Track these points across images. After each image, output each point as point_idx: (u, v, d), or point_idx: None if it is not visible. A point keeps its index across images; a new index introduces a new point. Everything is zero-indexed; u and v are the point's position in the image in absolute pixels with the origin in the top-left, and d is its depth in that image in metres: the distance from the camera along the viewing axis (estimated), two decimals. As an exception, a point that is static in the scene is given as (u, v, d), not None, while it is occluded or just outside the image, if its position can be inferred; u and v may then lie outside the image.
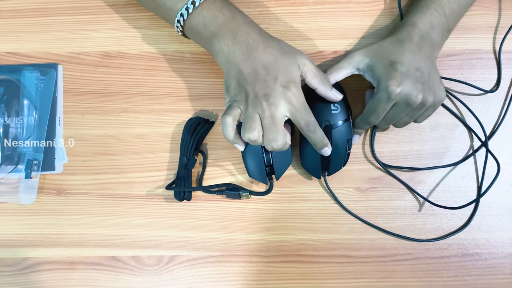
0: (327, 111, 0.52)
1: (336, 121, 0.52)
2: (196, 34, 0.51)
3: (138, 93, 0.57)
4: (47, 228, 0.56)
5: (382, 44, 0.51)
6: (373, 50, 0.51)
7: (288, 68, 0.48)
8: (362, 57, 0.51)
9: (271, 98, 0.47)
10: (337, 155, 0.52)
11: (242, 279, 0.55)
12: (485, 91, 0.57)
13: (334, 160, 0.53)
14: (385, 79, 0.49)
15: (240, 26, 0.49)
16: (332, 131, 0.52)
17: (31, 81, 0.57)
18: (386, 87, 0.48)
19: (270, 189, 0.54)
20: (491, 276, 0.55)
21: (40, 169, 0.56)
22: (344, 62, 0.52)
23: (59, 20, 0.58)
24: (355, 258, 0.55)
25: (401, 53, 0.49)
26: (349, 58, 0.52)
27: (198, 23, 0.50)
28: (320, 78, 0.50)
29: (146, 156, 0.57)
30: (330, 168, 0.53)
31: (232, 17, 0.50)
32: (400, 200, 0.56)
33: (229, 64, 0.49)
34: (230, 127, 0.49)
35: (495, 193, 0.56)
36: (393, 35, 0.52)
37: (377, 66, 0.50)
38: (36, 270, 0.55)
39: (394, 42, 0.51)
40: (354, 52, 0.52)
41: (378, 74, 0.50)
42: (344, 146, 0.53)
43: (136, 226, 0.56)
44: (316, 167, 0.53)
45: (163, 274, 0.55)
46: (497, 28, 0.58)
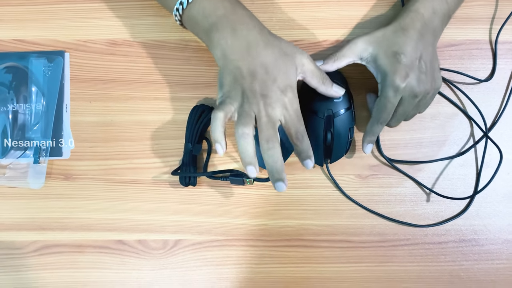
0: (329, 100, 0.53)
1: (338, 110, 0.53)
2: (194, 24, 0.51)
3: (144, 80, 0.58)
4: (55, 212, 0.57)
5: (385, 32, 0.51)
6: (376, 38, 0.51)
7: (286, 70, 0.48)
8: (365, 45, 0.51)
9: (269, 99, 0.47)
10: (339, 143, 0.54)
11: (246, 262, 0.56)
12: (479, 80, 0.58)
13: (336, 147, 0.54)
14: (391, 74, 0.49)
15: (240, 21, 0.48)
16: (334, 119, 0.53)
17: (38, 68, 0.58)
18: (392, 82, 0.49)
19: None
20: (488, 261, 0.56)
21: (48, 154, 0.57)
22: (347, 49, 0.52)
23: (66, 8, 0.59)
24: (355, 243, 0.56)
25: (404, 42, 0.49)
26: (352, 46, 0.51)
27: (197, 13, 0.49)
28: (320, 78, 0.50)
29: (151, 142, 0.58)
30: (332, 155, 0.55)
31: (233, 10, 0.49)
32: (400, 187, 0.57)
33: (226, 59, 0.48)
34: (220, 123, 0.47)
35: (493, 181, 0.57)
36: (396, 22, 0.51)
37: (380, 57, 0.50)
38: (44, 253, 0.56)
39: (397, 30, 0.50)
40: (357, 39, 0.51)
41: (382, 67, 0.50)
42: (346, 134, 0.54)
43: (142, 211, 0.57)
44: (319, 154, 0.54)
45: (168, 257, 0.56)
46: (498, 18, 0.59)
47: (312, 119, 0.54)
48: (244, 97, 0.47)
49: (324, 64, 0.52)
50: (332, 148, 0.54)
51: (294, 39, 0.58)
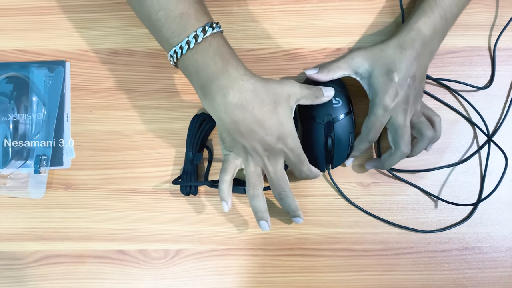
0: (329, 105, 0.53)
1: (338, 115, 0.53)
2: (188, 76, 0.50)
3: (144, 89, 0.58)
4: (56, 222, 0.57)
5: (383, 48, 0.51)
6: (373, 54, 0.51)
7: (284, 121, 0.49)
8: (362, 60, 0.51)
9: (271, 155, 0.49)
10: (340, 148, 0.54)
11: (247, 272, 0.56)
12: (478, 88, 0.58)
13: (337, 153, 0.54)
14: (382, 93, 0.50)
15: (231, 84, 0.46)
16: (334, 124, 0.53)
17: (39, 78, 0.58)
18: (381, 100, 0.50)
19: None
20: (492, 269, 0.56)
21: (48, 164, 0.57)
22: (343, 62, 0.52)
23: (66, 18, 0.59)
24: (358, 252, 0.56)
25: (400, 61, 0.50)
26: (349, 59, 0.52)
27: (190, 67, 0.48)
28: (312, 96, 0.51)
29: (152, 151, 0.58)
30: (334, 161, 0.55)
31: (224, 70, 0.47)
32: (402, 194, 0.57)
33: (220, 121, 0.48)
34: (227, 185, 0.51)
35: (496, 188, 0.56)
36: (396, 39, 0.51)
37: (374, 75, 0.50)
38: (45, 264, 0.56)
39: (396, 47, 0.50)
40: (354, 53, 0.52)
41: (375, 86, 0.50)
42: (347, 139, 0.54)
43: (143, 220, 0.57)
44: (320, 160, 0.54)
45: (169, 267, 0.56)
46: (498, 25, 0.59)
47: (312, 125, 0.54)
48: (247, 154, 0.50)
49: (319, 73, 0.52)
50: (334, 153, 0.54)
51: (294, 47, 0.58)
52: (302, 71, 0.58)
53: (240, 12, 0.59)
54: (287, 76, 0.58)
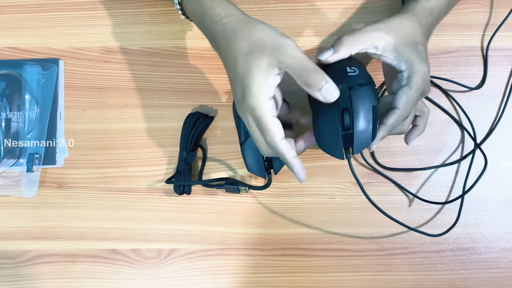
0: (342, 74, 0.43)
1: (354, 84, 0.43)
2: (191, 16, 0.49)
3: (138, 88, 0.58)
4: (48, 221, 0.56)
5: (402, 21, 0.46)
6: (393, 27, 0.45)
7: (250, 69, 0.41)
8: (381, 33, 0.44)
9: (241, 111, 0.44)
10: (361, 125, 0.42)
11: (241, 272, 0.56)
12: (470, 88, 0.58)
13: (359, 131, 0.42)
14: (419, 62, 0.44)
15: (209, 27, 0.45)
16: (351, 93, 0.42)
17: (32, 76, 0.57)
18: (421, 70, 0.43)
19: (268, 183, 0.55)
20: (486, 270, 0.56)
21: (41, 162, 0.56)
22: (362, 34, 0.44)
23: (60, 16, 0.59)
24: (352, 252, 0.56)
25: (421, 35, 0.46)
26: (368, 32, 0.44)
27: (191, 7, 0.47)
28: (302, 79, 0.41)
29: (146, 150, 0.57)
30: (354, 143, 0.42)
31: (203, 14, 0.46)
32: (397, 195, 0.57)
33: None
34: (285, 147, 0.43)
35: (491, 188, 0.56)
36: (411, 14, 0.47)
37: (402, 46, 0.44)
38: (37, 263, 0.56)
39: (414, 21, 0.46)
40: (371, 26, 0.45)
41: (407, 55, 0.44)
42: (370, 113, 0.42)
43: (136, 220, 0.56)
44: (336, 144, 0.43)
45: (162, 267, 0.56)
46: (493, 25, 0.59)
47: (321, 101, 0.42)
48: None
49: (335, 53, 0.44)
50: (353, 132, 0.42)
51: (289, 46, 0.58)
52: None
53: None
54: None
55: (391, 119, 0.44)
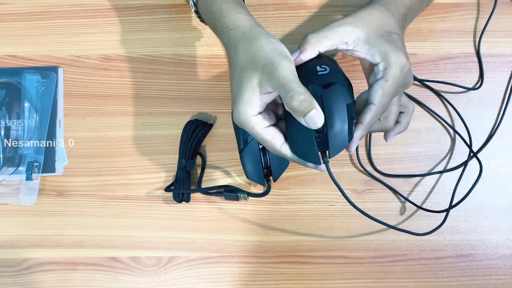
0: (312, 73, 0.41)
1: (324, 83, 0.40)
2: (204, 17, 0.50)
3: (137, 95, 0.58)
4: (48, 229, 0.56)
5: (371, 11, 0.43)
6: (361, 19, 0.42)
7: (241, 84, 0.40)
8: (349, 27, 0.42)
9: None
10: (336, 126, 0.39)
11: (240, 279, 0.56)
12: (467, 88, 0.58)
13: (333, 133, 0.39)
14: (394, 52, 0.41)
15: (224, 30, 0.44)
16: (321, 95, 0.39)
17: (32, 84, 0.57)
18: (397, 59, 0.41)
19: (267, 190, 0.55)
20: (486, 276, 0.55)
21: (40, 171, 0.56)
22: (329, 30, 0.42)
23: (59, 24, 0.59)
24: (351, 259, 0.56)
25: (394, 23, 0.43)
26: (335, 27, 0.42)
27: (205, 10, 0.48)
28: (286, 101, 0.38)
29: (145, 158, 0.57)
30: (330, 145, 0.40)
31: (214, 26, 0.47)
32: (395, 202, 0.57)
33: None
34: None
35: (490, 195, 0.56)
36: (379, 3, 0.44)
37: (374, 38, 0.42)
38: (36, 271, 0.56)
39: (384, 10, 0.44)
40: (337, 21, 0.42)
41: (380, 46, 0.41)
42: (344, 112, 0.39)
43: (136, 227, 0.56)
44: (310, 148, 0.40)
45: (162, 274, 0.56)
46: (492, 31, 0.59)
47: None
48: None
49: (302, 53, 0.42)
50: (328, 134, 0.39)
51: (288, 53, 0.58)
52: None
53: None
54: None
55: (367, 116, 0.41)
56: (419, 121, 0.57)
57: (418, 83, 0.58)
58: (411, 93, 0.58)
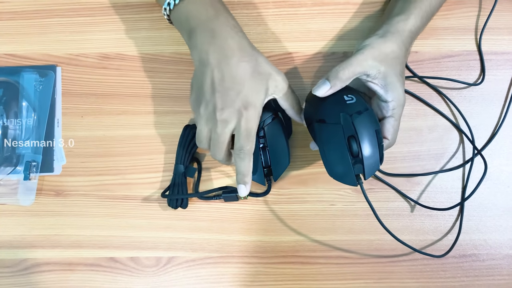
0: (341, 102, 0.46)
1: (354, 112, 0.45)
2: (178, 25, 0.51)
3: (136, 94, 0.57)
4: (46, 229, 0.56)
5: (393, 48, 0.48)
6: (386, 56, 0.47)
7: (255, 89, 0.47)
8: (374, 62, 0.47)
9: (225, 114, 0.46)
10: (369, 150, 0.44)
11: (240, 280, 0.55)
12: (468, 84, 0.57)
13: (368, 157, 0.44)
14: (403, 94, 0.48)
15: (220, 28, 0.48)
16: (353, 122, 0.44)
17: (29, 83, 0.57)
18: (404, 102, 0.49)
19: (268, 190, 0.54)
20: (489, 277, 0.55)
21: (39, 170, 0.56)
22: (357, 66, 0.46)
23: (57, 22, 0.59)
24: (352, 259, 0.55)
25: (404, 56, 0.49)
26: (362, 61, 0.46)
27: (181, 15, 0.50)
28: (290, 102, 0.50)
29: (144, 157, 0.57)
30: (365, 168, 0.44)
31: (215, 17, 0.48)
32: (397, 201, 0.56)
33: (200, 63, 0.48)
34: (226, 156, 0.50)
35: (493, 194, 0.56)
36: (400, 40, 0.49)
37: (393, 77, 0.47)
38: (35, 271, 0.55)
39: (402, 48, 0.49)
40: (364, 54, 0.47)
41: (395, 87, 0.47)
42: (374, 137, 0.44)
43: (135, 227, 0.56)
44: (348, 172, 0.44)
45: (161, 275, 0.55)
46: (495, 29, 0.58)
47: (324, 130, 0.46)
48: (202, 111, 0.47)
49: (332, 87, 0.46)
50: (362, 158, 0.44)
51: (288, 51, 0.58)
52: (296, 76, 0.57)
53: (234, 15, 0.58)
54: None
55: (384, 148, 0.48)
56: (421, 120, 0.57)
57: (419, 80, 0.57)
58: (413, 91, 0.57)
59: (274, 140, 0.52)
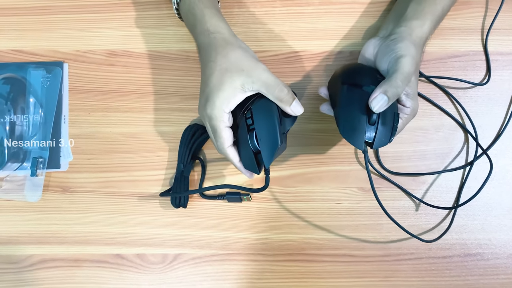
0: (376, 78, 0.48)
1: None
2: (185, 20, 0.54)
3: (143, 91, 0.57)
4: (53, 226, 0.56)
5: (419, 57, 0.49)
6: (416, 66, 0.48)
7: (217, 87, 0.46)
8: (412, 76, 0.48)
9: (199, 114, 0.49)
10: (385, 124, 0.47)
11: (246, 277, 0.55)
12: (474, 84, 0.57)
13: (381, 130, 0.47)
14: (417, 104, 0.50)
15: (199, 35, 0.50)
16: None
17: (37, 79, 0.57)
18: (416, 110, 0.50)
19: (265, 185, 0.49)
20: (493, 276, 0.55)
21: (45, 166, 0.56)
22: (407, 81, 0.47)
23: (64, 18, 0.59)
24: (358, 258, 0.55)
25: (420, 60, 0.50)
26: (407, 78, 0.47)
27: (187, 11, 0.52)
28: (276, 95, 0.47)
29: (151, 154, 0.57)
30: (375, 139, 0.47)
31: (194, 25, 0.51)
32: (403, 200, 0.56)
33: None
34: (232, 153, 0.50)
35: (498, 194, 0.56)
36: (420, 45, 0.49)
37: (415, 87, 0.49)
38: (41, 268, 0.55)
39: (421, 55, 0.50)
40: (406, 66, 0.46)
41: (413, 96, 0.49)
42: (392, 117, 0.48)
43: (141, 224, 0.56)
44: (359, 134, 0.46)
45: (168, 272, 0.55)
46: (500, 29, 0.58)
47: (355, 92, 0.47)
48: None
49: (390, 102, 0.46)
50: (377, 129, 0.46)
51: (295, 50, 0.58)
52: (303, 74, 0.58)
53: (241, 13, 0.58)
54: (289, 79, 0.57)
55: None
56: (427, 119, 0.57)
57: (426, 80, 0.58)
58: (420, 90, 0.57)
59: (262, 120, 0.47)
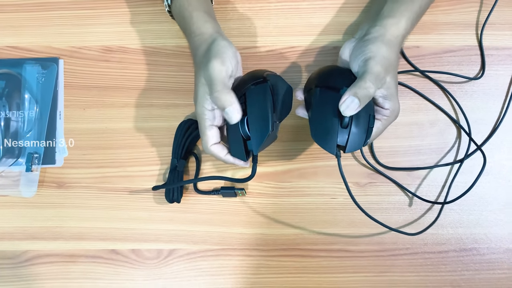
0: (349, 78, 0.47)
1: None
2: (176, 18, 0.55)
3: (138, 87, 0.58)
4: (48, 221, 0.56)
5: (394, 57, 0.48)
6: (390, 66, 0.47)
7: (195, 84, 0.49)
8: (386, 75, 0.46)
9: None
10: (358, 127, 0.46)
11: (242, 272, 0.55)
12: (468, 78, 0.57)
13: (354, 133, 0.46)
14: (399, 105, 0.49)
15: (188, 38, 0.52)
16: None
17: (32, 75, 0.57)
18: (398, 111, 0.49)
19: (252, 173, 0.49)
20: (489, 271, 0.55)
21: (40, 162, 0.56)
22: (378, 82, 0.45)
23: (60, 14, 0.59)
24: (353, 253, 0.55)
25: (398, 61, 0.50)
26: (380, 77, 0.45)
27: (177, 10, 0.53)
28: (212, 98, 0.47)
29: (146, 150, 0.57)
30: (348, 143, 0.46)
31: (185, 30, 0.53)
32: (398, 195, 0.56)
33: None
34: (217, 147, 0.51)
35: (494, 189, 0.56)
36: (395, 44, 0.48)
37: (393, 88, 0.47)
38: (36, 263, 0.55)
39: (398, 54, 0.49)
40: (377, 65, 0.45)
41: (392, 97, 0.47)
42: (366, 119, 0.46)
43: (136, 220, 0.56)
44: (331, 139, 0.45)
45: (162, 267, 0.55)
46: (496, 24, 0.58)
47: (327, 95, 0.46)
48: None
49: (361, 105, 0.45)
50: (349, 133, 0.45)
51: (290, 45, 0.58)
52: (298, 70, 0.58)
53: (235, 9, 0.58)
54: (284, 74, 0.57)
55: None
56: (423, 114, 0.57)
57: (421, 75, 0.58)
58: (415, 85, 0.57)
59: (255, 106, 0.47)
